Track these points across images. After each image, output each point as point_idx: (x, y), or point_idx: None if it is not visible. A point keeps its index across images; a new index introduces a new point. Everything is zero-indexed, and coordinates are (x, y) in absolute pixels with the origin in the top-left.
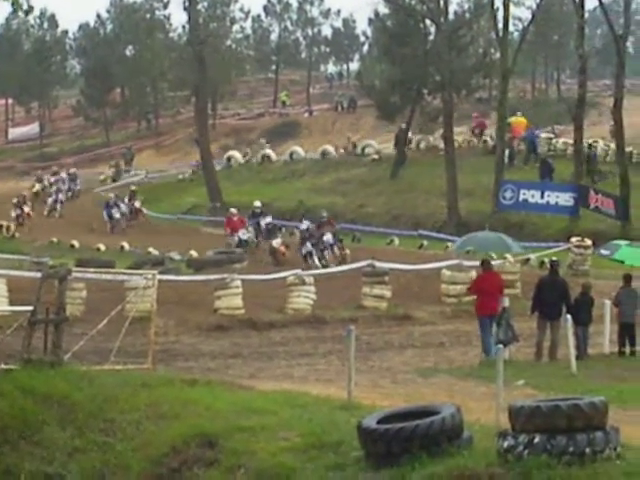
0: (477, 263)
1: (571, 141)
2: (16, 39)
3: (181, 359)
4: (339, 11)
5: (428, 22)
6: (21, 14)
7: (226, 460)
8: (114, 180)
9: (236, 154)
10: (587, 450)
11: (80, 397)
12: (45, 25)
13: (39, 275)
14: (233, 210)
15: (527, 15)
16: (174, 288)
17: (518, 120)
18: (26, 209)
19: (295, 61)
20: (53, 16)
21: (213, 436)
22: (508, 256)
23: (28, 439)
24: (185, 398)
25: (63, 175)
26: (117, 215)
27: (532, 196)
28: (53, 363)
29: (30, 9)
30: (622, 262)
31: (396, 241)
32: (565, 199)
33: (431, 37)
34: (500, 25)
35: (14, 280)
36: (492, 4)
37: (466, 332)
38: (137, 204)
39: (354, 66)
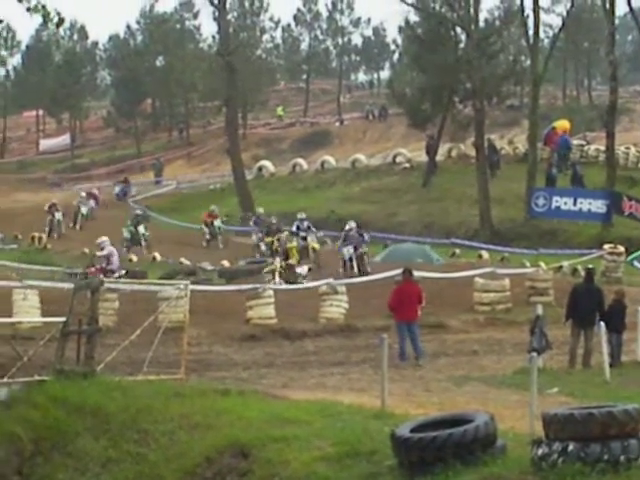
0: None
1: (603, 148)
2: (46, 50)
3: (214, 369)
4: (369, 20)
5: (458, 30)
6: (52, 26)
7: (259, 470)
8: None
9: (267, 163)
10: (621, 458)
11: (113, 408)
12: (75, 36)
13: (71, 286)
14: None
15: (557, 22)
16: (206, 298)
17: (563, 124)
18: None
19: (326, 70)
20: (83, 27)
21: (246, 446)
22: (541, 264)
23: (61, 450)
24: (218, 408)
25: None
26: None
27: (565, 203)
28: (86, 374)
29: (61, 21)
30: None
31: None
32: (597, 206)
33: (462, 45)
34: (530, 32)
35: (46, 291)
36: (522, 11)
37: (499, 340)
38: (141, 229)
39: (385, 74)
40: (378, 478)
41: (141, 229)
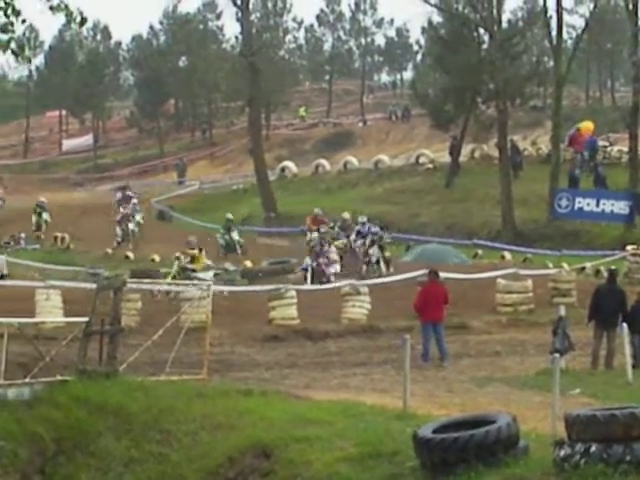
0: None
1: (626, 149)
2: (70, 51)
3: (236, 369)
4: (392, 20)
5: (481, 31)
6: (74, 26)
7: (282, 470)
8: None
9: (290, 164)
10: None
11: (135, 408)
12: (98, 37)
13: (94, 286)
14: None
15: (580, 23)
16: (229, 299)
17: (587, 125)
18: (130, 226)
19: (348, 71)
20: (106, 28)
21: (269, 446)
22: (564, 265)
23: (84, 450)
24: (241, 408)
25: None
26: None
27: (587, 204)
28: (108, 374)
29: (84, 21)
30: None
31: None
32: (620, 207)
33: (485, 46)
34: (554, 33)
35: (69, 291)
36: (545, 12)
37: (521, 341)
38: (235, 236)
39: (408, 75)
40: (400, 479)
41: (235, 235)
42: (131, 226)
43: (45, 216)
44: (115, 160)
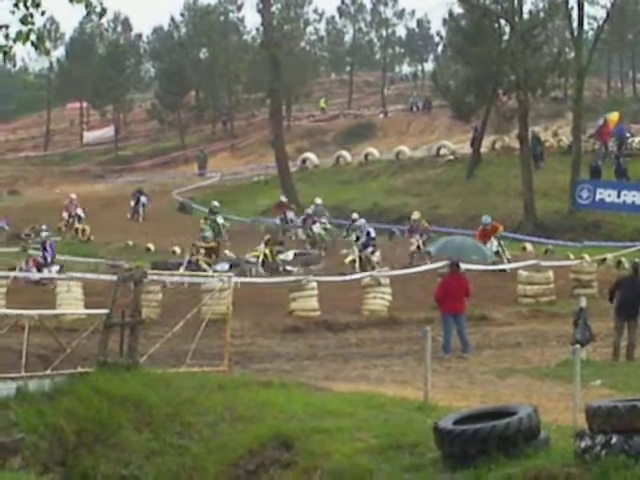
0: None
1: None
2: (90, 43)
3: (257, 361)
4: (413, 12)
5: (502, 22)
6: (94, 17)
7: (302, 462)
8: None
9: (311, 156)
10: None
11: (156, 400)
12: (119, 29)
13: (114, 278)
14: None
15: (602, 14)
16: (250, 290)
17: (612, 116)
18: (315, 229)
19: (369, 62)
20: (127, 20)
21: (289, 438)
22: (585, 256)
23: (104, 442)
24: (261, 400)
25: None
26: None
27: (608, 195)
28: (129, 366)
29: (103, 12)
30: None
31: None
32: None
33: (506, 37)
34: (575, 24)
35: (89, 283)
36: (566, 3)
37: (543, 332)
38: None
39: (429, 66)
40: (421, 470)
41: (353, 237)
42: (315, 229)
43: (220, 220)
44: (136, 152)
